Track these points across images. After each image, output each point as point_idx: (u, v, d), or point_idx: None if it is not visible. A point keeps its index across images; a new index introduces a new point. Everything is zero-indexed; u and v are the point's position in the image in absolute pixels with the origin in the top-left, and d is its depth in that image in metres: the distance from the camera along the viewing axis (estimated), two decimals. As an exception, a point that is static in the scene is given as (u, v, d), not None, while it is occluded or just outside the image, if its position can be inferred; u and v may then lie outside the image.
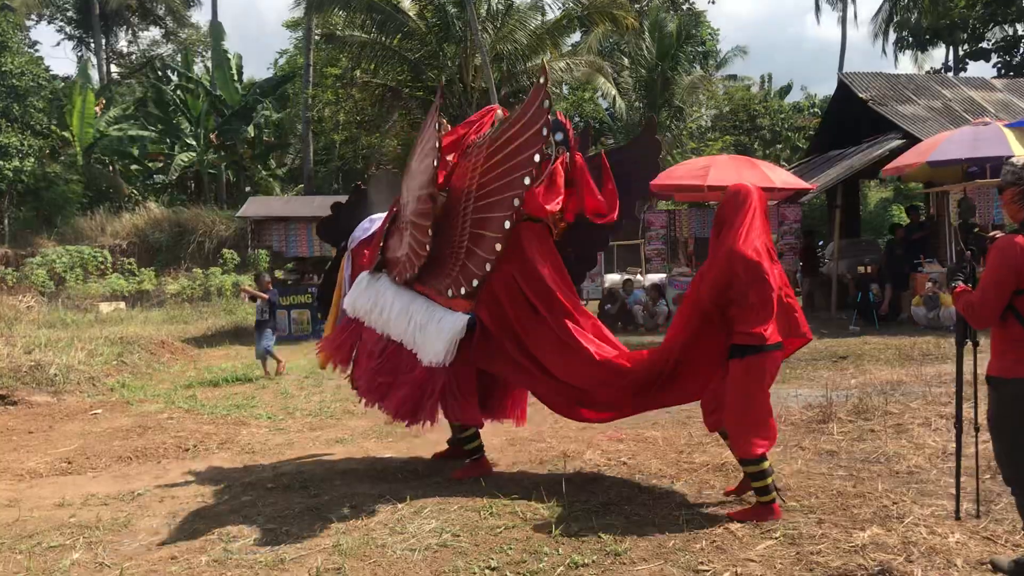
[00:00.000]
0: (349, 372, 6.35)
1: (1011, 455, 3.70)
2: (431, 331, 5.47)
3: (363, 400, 6.06)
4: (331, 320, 6.69)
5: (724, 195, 4.94)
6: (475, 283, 5.41)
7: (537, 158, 5.15)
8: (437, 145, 5.41)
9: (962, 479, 5.14)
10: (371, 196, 6.80)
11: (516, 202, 5.20)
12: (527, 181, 5.16)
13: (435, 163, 5.40)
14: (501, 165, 5.35)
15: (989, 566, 3.85)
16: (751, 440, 4.58)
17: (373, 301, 5.90)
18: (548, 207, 5.40)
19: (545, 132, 5.14)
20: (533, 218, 5.49)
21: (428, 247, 5.53)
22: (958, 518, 4.34)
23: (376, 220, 6.44)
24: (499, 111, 6.20)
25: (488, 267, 5.35)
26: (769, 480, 4.66)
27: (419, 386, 5.52)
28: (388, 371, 5.73)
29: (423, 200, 5.53)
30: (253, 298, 11.56)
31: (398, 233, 5.93)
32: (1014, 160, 3.75)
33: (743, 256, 4.54)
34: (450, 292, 5.52)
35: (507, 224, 5.24)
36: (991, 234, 3.93)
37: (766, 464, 4.64)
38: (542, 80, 5.13)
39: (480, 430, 5.87)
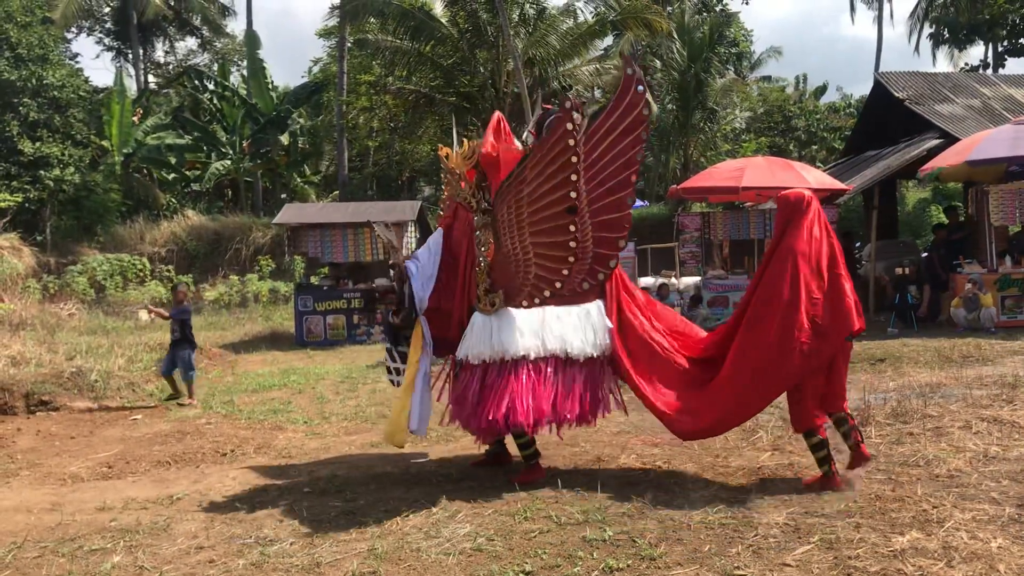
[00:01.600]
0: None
1: None
2: (584, 326, 5.66)
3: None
4: (407, 389, 5.87)
5: (779, 202, 5.51)
6: (600, 276, 5.77)
7: (640, 156, 5.73)
8: (575, 160, 5.47)
9: (1005, 482, 5.09)
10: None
11: (630, 200, 5.76)
12: (634, 178, 5.74)
13: (574, 180, 5.50)
14: (608, 154, 5.68)
15: None
16: (806, 417, 5.27)
17: (512, 330, 5.61)
18: None
19: (647, 112, 5.64)
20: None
21: (572, 259, 5.64)
22: None
23: (422, 270, 5.96)
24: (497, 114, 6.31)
25: (613, 263, 5.78)
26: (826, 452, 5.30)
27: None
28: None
29: (560, 218, 5.58)
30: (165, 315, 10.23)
31: (504, 261, 5.74)
32: None
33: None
34: (585, 285, 5.74)
35: (630, 200, 5.80)
36: None
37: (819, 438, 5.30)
38: (630, 71, 5.59)
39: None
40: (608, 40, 29.65)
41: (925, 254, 16.37)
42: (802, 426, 5.33)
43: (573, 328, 5.62)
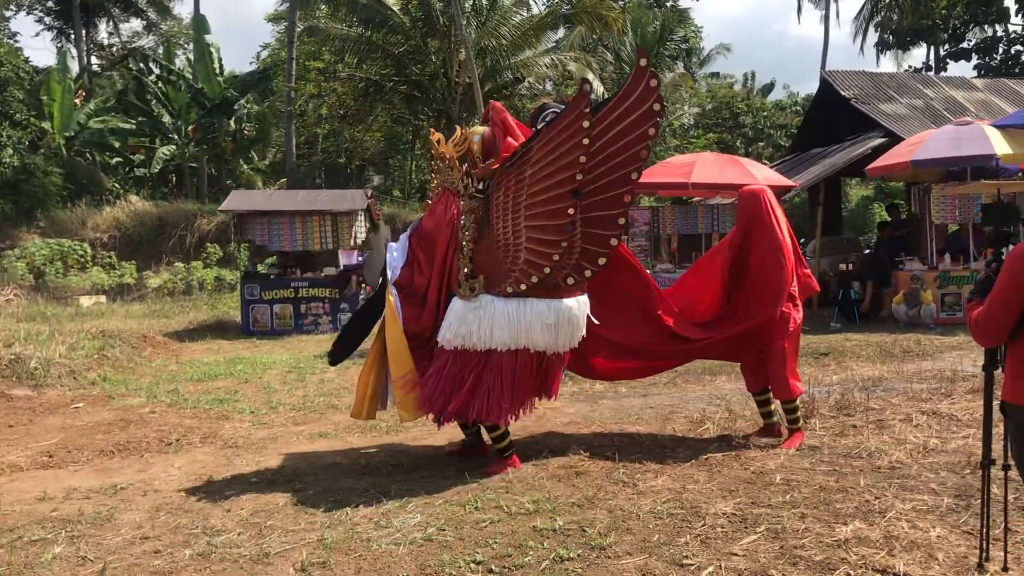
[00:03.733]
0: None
1: None
2: (563, 323, 5.64)
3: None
4: (399, 358, 5.83)
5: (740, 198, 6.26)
6: (588, 273, 5.69)
7: (644, 155, 5.50)
8: (586, 142, 5.32)
9: (943, 473, 5.23)
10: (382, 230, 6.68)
11: (634, 175, 5.53)
12: (635, 176, 5.53)
13: (583, 163, 5.36)
14: (608, 149, 5.47)
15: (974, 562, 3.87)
16: (795, 385, 6.10)
17: (489, 321, 5.58)
18: None
19: (657, 107, 5.43)
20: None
21: (564, 244, 5.52)
22: (981, 566, 3.80)
23: (397, 246, 6.12)
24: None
25: (602, 261, 5.66)
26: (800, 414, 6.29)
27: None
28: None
29: (561, 200, 5.45)
30: None
31: (490, 246, 5.67)
32: None
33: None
34: (570, 281, 5.64)
35: (622, 221, 5.64)
36: None
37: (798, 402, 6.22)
38: (643, 63, 5.40)
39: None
40: (560, 33, 29.68)
41: (868, 251, 16.70)
42: (788, 394, 6.06)
43: (548, 325, 5.57)
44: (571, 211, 5.42)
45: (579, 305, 5.74)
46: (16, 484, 5.93)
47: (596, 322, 5.92)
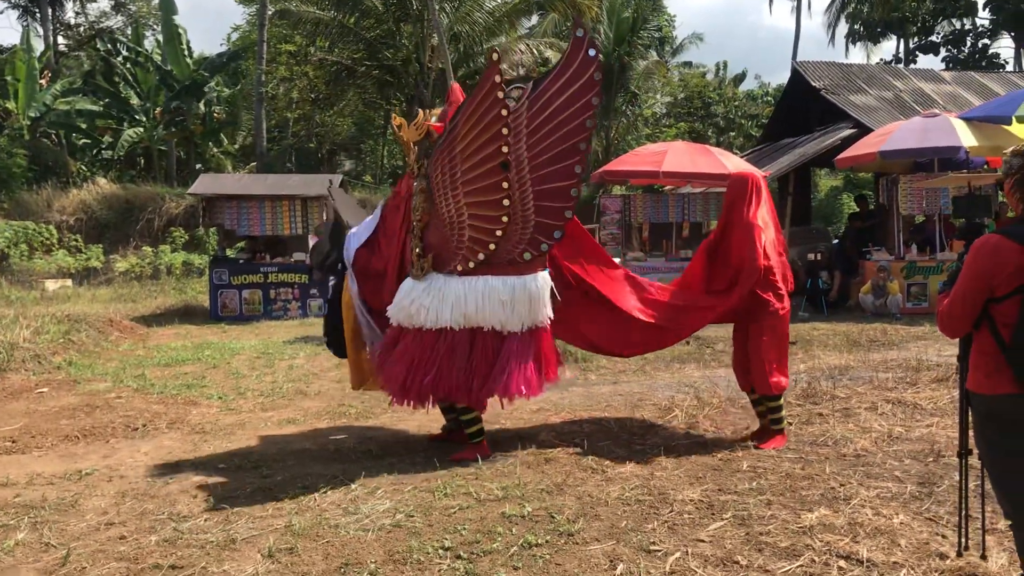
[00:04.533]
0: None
1: (992, 478, 3.30)
2: (520, 299, 5.52)
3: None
4: (349, 344, 6.09)
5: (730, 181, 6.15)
6: (543, 247, 5.62)
7: (589, 123, 5.44)
8: (504, 112, 5.30)
9: (907, 461, 5.30)
10: (341, 213, 6.56)
11: (582, 146, 5.46)
12: (583, 146, 5.47)
13: (505, 134, 5.34)
14: (554, 120, 5.42)
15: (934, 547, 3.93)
16: (779, 380, 5.80)
17: (439, 299, 5.55)
18: None
19: (598, 76, 5.38)
20: None
21: (505, 219, 5.48)
22: (960, 555, 3.81)
23: (359, 231, 6.12)
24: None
25: (558, 235, 5.62)
26: (784, 413, 6.01)
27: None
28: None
29: (493, 174, 5.43)
30: None
31: (438, 225, 5.65)
32: (1017, 149, 3.30)
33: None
34: (527, 256, 5.59)
35: (574, 191, 5.57)
36: None
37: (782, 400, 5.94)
38: (580, 33, 5.37)
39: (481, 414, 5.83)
40: (534, 19, 29.61)
41: (836, 241, 16.86)
42: (768, 390, 5.79)
43: (503, 302, 5.51)
44: (505, 184, 5.41)
45: (538, 281, 5.61)
46: (-22, 469, 5.85)
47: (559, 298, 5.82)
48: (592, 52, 5.37)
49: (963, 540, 3.82)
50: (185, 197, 24.10)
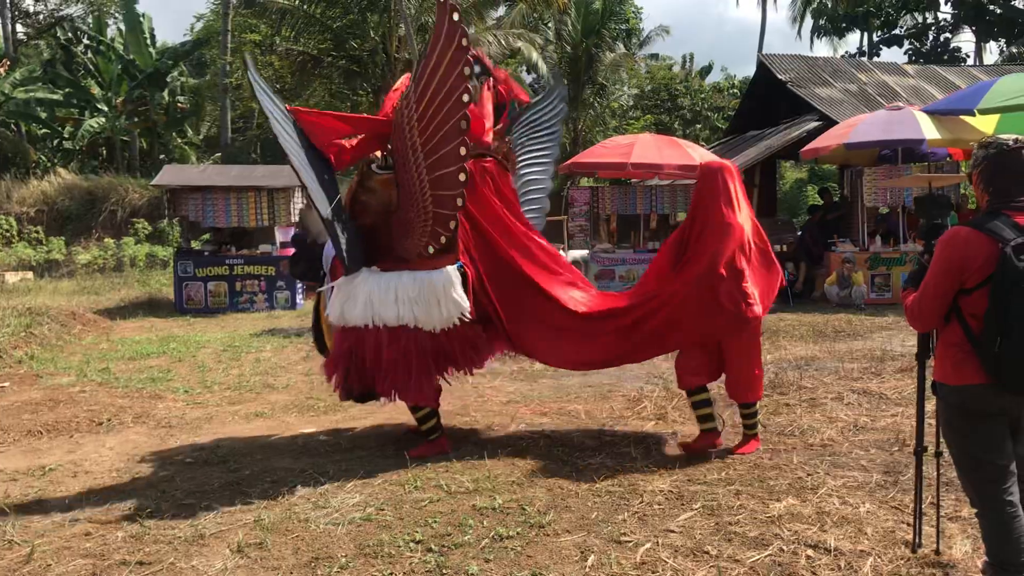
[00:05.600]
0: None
1: (958, 468, 3.35)
2: (428, 296, 5.34)
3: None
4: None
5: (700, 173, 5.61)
6: (443, 239, 5.36)
7: (466, 98, 5.04)
8: (465, 99, 5.04)
9: (873, 451, 5.36)
10: (311, 224, 6.42)
11: (463, 124, 5.07)
12: (463, 126, 5.07)
13: (466, 101, 5.07)
14: (435, 100, 5.13)
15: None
16: (753, 388, 5.50)
17: (368, 298, 5.42)
18: (485, 138, 5.64)
19: (465, 42, 5.01)
20: (481, 154, 5.56)
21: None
22: (915, 552, 3.80)
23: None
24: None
25: (453, 224, 5.31)
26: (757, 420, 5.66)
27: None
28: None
29: (457, 159, 5.17)
30: None
31: (402, 216, 5.47)
32: (984, 141, 3.30)
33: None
34: (430, 249, 5.40)
35: (462, 177, 5.18)
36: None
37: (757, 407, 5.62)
38: (454, 17, 4.99)
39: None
40: (501, 10, 29.54)
41: (800, 232, 17.01)
42: (744, 397, 5.52)
43: (411, 299, 5.34)
44: (463, 151, 5.14)
45: (446, 276, 5.38)
46: (-62, 466, 5.74)
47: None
48: (456, 17, 4.98)
49: (917, 534, 3.84)
50: (149, 188, 23.78)
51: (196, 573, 3.86)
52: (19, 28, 36.66)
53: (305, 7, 24.04)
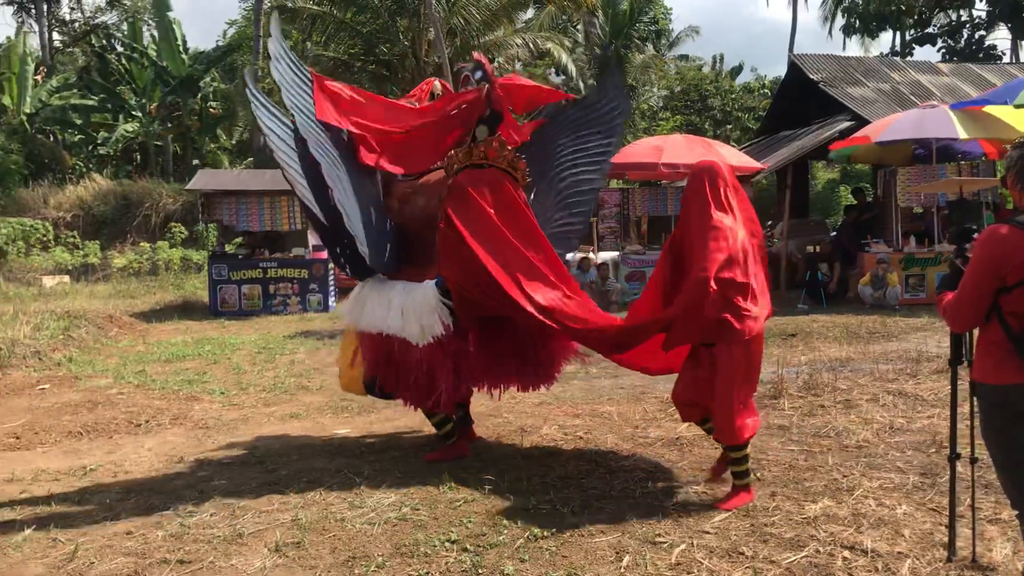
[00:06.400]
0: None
1: (998, 468, 3.28)
2: (410, 309, 5.29)
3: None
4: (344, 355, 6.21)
5: (691, 173, 4.84)
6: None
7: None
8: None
9: (909, 452, 5.32)
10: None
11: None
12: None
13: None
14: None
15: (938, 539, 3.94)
16: (737, 425, 4.51)
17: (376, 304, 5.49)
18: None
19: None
20: (477, 164, 5.38)
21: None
22: (951, 560, 3.72)
23: None
24: (436, 82, 6.20)
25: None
26: (747, 465, 4.66)
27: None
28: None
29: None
30: None
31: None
32: (1018, 141, 3.22)
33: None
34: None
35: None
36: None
37: (747, 450, 4.65)
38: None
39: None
40: (530, 12, 29.57)
41: (834, 233, 16.88)
42: (731, 439, 4.60)
43: (395, 307, 5.35)
44: None
45: (424, 290, 5.34)
46: (-17, 466, 5.85)
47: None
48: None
49: (952, 542, 3.78)
50: (182, 193, 24.09)
51: (235, 572, 3.91)
52: (56, 36, 37.27)
53: (336, 12, 24.20)
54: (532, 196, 5.79)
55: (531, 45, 25.34)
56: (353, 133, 5.59)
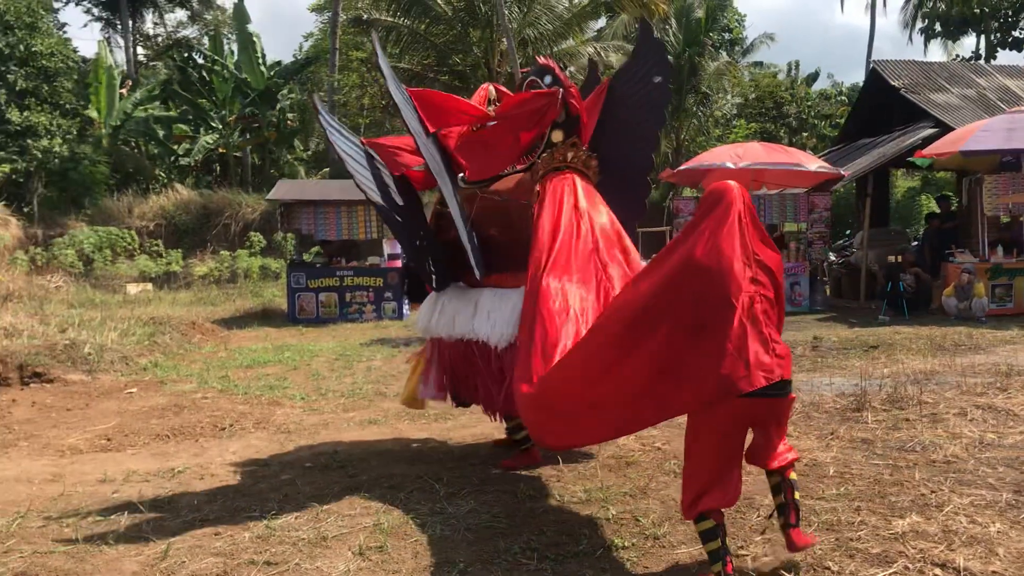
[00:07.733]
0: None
1: None
2: (499, 314, 5.39)
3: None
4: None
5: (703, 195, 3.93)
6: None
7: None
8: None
9: (1001, 468, 5.15)
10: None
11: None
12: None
13: None
14: None
15: None
16: (692, 495, 3.65)
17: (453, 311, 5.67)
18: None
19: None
20: (558, 168, 5.38)
21: None
22: None
23: None
24: (491, 87, 6.21)
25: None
26: (717, 546, 3.62)
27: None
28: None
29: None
30: None
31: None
32: None
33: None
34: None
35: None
36: None
37: (709, 524, 3.64)
38: None
39: None
40: (602, 21, 29.53)
41: (916, 243, 16.48)
42: (686, 511, 3.71)
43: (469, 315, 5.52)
44: None
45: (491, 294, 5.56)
46: (77, 466, 6.06)
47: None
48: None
49: None
50: (260, 202, 24.65)
51: (320, 574, 3.98)
52: (140, 50, 38.51)
53: (410, 24, 24.53)
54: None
55: (601, 54, 25.27)
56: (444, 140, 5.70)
